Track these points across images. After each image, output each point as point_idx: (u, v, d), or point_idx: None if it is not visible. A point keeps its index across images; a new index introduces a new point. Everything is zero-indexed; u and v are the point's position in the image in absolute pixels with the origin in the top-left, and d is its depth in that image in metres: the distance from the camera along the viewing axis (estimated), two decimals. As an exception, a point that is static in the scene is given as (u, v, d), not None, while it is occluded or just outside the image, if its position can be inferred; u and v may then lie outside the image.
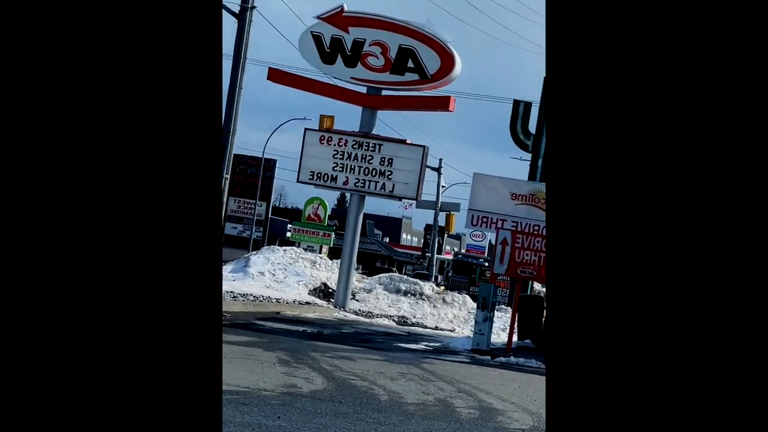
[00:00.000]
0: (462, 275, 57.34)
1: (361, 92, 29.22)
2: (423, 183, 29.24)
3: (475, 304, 26.33)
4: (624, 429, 4.45)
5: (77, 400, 4.44)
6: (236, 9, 30.39)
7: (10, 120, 4.41)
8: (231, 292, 25.90)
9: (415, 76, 28.56)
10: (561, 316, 4.60)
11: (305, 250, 38.30)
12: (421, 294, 32.16)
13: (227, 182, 31.68)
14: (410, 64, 28.51)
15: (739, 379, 4.37)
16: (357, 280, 32.95)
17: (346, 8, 28.97)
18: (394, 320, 28.81)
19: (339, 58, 28.82)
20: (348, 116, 29.54)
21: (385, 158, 28.59)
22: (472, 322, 24.31)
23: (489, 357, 20.62)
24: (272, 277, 30.59)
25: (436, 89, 29.12)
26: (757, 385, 4.33)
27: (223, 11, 30.72)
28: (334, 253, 43.29)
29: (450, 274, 60.42)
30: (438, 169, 62.23)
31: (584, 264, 4.54)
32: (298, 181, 29.90)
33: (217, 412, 4.62)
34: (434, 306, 31.54)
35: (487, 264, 56.10)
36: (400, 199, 30.50)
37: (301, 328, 21.55)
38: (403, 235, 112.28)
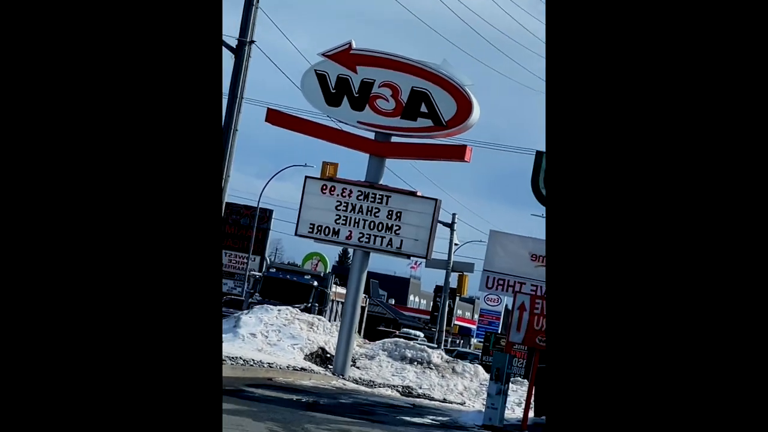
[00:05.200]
0: None
1: (368, 138, 29.26)
2: (434, 240, 29.24)
3: (487, 375, 26.24)
4: None
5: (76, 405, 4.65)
6: (233, 43, 30.60)
7: (10, 121, 4.56)
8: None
9: (428, 122, 28.56)
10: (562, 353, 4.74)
11: (302, 310, 38.21)
12: (429, 362, 32.08)
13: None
14: (423, 108, 28.51)
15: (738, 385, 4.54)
16: (358, 345, 32.85)
17: (354, 46, 29.06)
18: (398, 390, 28.74)
19: (345, 100, 28.86)
20: (353, 164, 29.65)
21: (392, 212, 28.57)
22: (485, 395, 24.23)
23: (502, 434, 20.56)
24: (265, 340, 30.51)
25: (451, 137, 29.16)
26: (757, 387, 4.48)
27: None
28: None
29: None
30: (451, 225, 62.17)
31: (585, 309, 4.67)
32: (296, 235, 29.88)
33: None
34: (443, 376, 31.45)
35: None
36: (408, 257, 30.48)
37: (295, 397, 21.47)
38: (411, 297, 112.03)
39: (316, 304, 40.35)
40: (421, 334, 65.48)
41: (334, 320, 40.96)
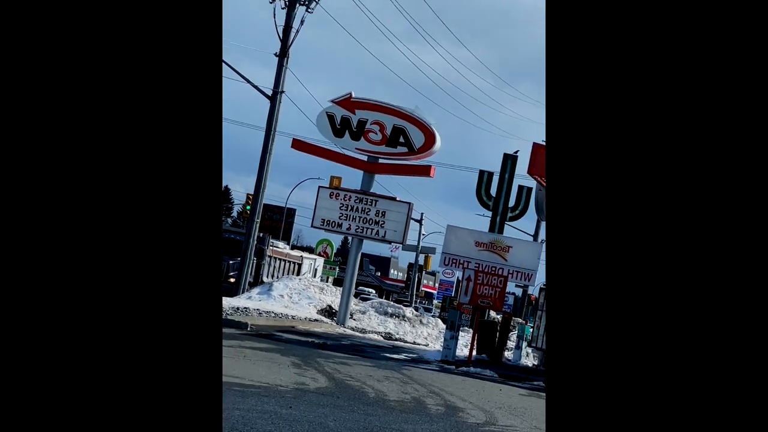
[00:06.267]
0: None
1: (362, 160, 29.31)
2: (408, 231, 29.26)
3: (445, 326, 26.29)
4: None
5: (78, 398, 3.64)
6: (269, 92, 30.62)
7: (10, 125, 3.64)
8: (257, 309, 25.87)
9: (405, 149, 28.67)
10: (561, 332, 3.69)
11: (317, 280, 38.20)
12: (404, 316, 32.11)
13: (257, 225, 31.73)
14: (401, 139, 28.64)
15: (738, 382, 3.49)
16: (354, 304, 32.86)
17: (353, 95, 29.18)
18: (382, 336, 28.74)
19: (347, 133, 28.96)
20: (352, 178, 29.77)
21: (379, 211, 28.64)
22: (442, 339, 24.28)
23: (454, 366, 20.59)
24: (290, 299, 30.52)
25: (420, 160, 29.19)
26: (757, 387, 3.44)
27: (259, 94, 30.90)
28: (337, 282, 43.23)
29: None
30: (420, 221, 62.26)
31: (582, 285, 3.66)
32: (312, 226, 29.94)
33: (218, 412, 3.82)
34: (413, 326, 31.48)
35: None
36: (389, 242, 30.53)
37: (310, 339, 21.50)
38: (391, 271, 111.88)
39: (255, 258, 35.65)
40: (373, 291, 64.78)
41: (271, 275, 37.25)
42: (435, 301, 77.53)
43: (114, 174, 3.76)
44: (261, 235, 40.37)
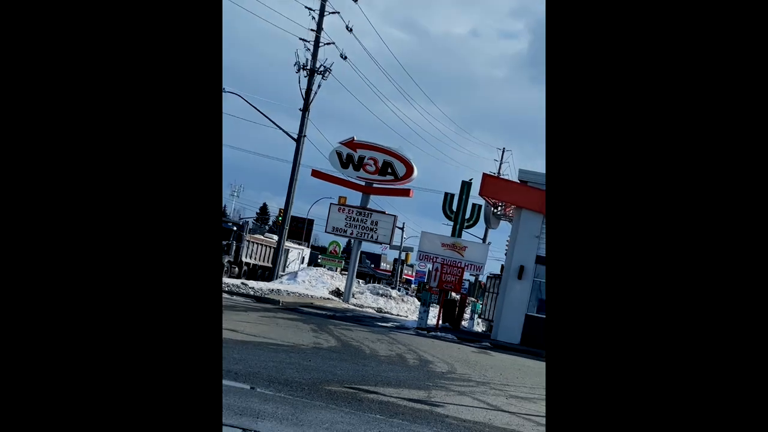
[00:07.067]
0: None
1: (361, 185, 29.31)
2: (393, 235, 29.32)
3: (419, 303, 26.34)
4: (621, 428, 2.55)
5: (80, 392, 2.63)
6: (295, 135, 30.69)
7: (9, 126, 2.61)
8: (286, 290, 25.90)
9: (391, 177, 28.75)
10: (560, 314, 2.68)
11: (328, 270, 38.22)
12: (390, 296, 32.17)
13: (287, 232, 31.74)
14: (389, 170, 28.72)
15: (738, 379, 2.50)
16: (355, 287, 32.93)
17: (355, 138, 29.27)
18: (374, 310, 28.79)
19: (350, 166, 28.99)
20: (354, 197, 29.90)
21: (373, 221, 28.69)
22: (418, 313, 24.37)
23: (426, 332, 20.68)
24: (309, 284, 30.54)
25: (403, 185, 29.27)
26: (757, 386, 2.46)
27: (286, 137, 30.98)
28: (343, 272, 43.19)
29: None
30: (402, 228, 62.29)
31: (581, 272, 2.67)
32: (325, 232, 29.94)
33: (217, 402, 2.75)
34: (397, 303, 31.53)
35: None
36: (381, 243, 30.63)
37: (323, 312, 21.54)
38: (382, 264, 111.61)
39: (234, 242, 31.85)
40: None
41: (248, 255, 33.49)
42: (413, 285, 77.39)
43: (125, 174, 2.73)
44: (241, 222, 33.54)
